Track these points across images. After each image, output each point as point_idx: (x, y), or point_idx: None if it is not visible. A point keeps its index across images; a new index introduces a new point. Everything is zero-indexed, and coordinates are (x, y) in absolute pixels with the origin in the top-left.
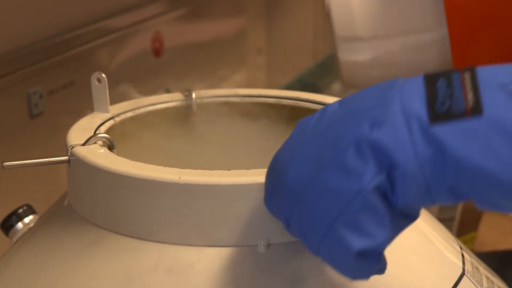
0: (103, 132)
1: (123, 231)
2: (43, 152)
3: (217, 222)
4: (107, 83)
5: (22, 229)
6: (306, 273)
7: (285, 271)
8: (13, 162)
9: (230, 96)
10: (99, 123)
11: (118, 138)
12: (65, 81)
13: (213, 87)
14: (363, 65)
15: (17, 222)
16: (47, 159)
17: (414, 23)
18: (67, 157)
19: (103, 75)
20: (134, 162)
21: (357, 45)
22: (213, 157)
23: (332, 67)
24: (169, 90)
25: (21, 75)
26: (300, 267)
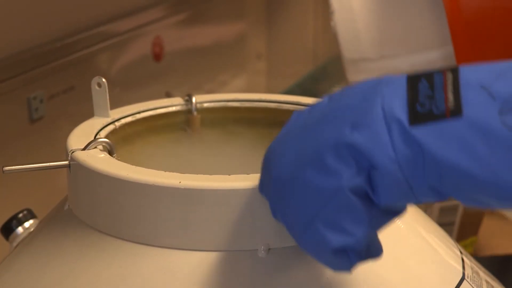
0: (103, 136)
1: (123, 235)
2: (43, 156)
3: (217, 226)
4: (107, 87)
5: (22, 233)
6: (306, 278)
7: (285, 276)
8: (14, 166)
9: (230, 101)
10: (99, 128)
11: (118, 142)
12: (65, 86)
13: (213, 91)
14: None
15: (17, 226)
16: (47, 164)
17: (420, 42)
18: (67, 162)
19: (103, 80)
20: (134, 166)
21: (365, 66)
22: (213, 162)
23: (332, 72)
24: (169, 94)
25: (21, 79)
26: (300, 272)
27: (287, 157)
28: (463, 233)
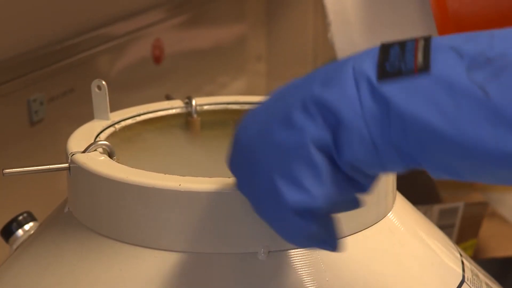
0: (103, 139)
1: (123, 238)
2: (43, 159)
3: (217, 229)
4: (107, 90)
5: (22, 236)
6: (306, 281)
7: (285, 279)
8: (13, 169)
9: (230, 103)
10: (99, 130)
11: (118, 145)
12: (65, 88)
13: (213, 94)
14: None
15: (17, 229)
16: (47, 166)
17: None
18: (67, 164)
19: (103, 83)
20: (134, 169)
21: None
22: (213, 165)
23: None
24: (169, 97)
25: (21, 82)
26: (300, 274)
27: (256, 119)
28: (463, 236)
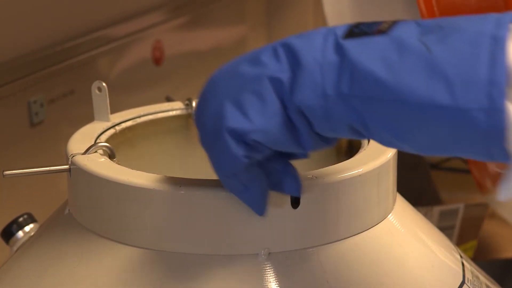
0: (104, 141)
1: (123, 240)
2: (43, 160)
3: (218, 231)
4: (107, 91)
5: (22, 237)
6: (307, 283)
7: (286, 280)
8: (14, 171)
9: None
10: (99, 132)
11: (118, 147)
12: (65, 90)
13: None
14: None
15: (18, 230)
16: (48, 168)
17: None
18: (67, 166)
19: (104, 84)
20: (134, 171)
21: None
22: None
23: None
24: (169, 98)
25: (21, 83)
26: (301, 276)
27: (228, 65)
28: (463, 237)
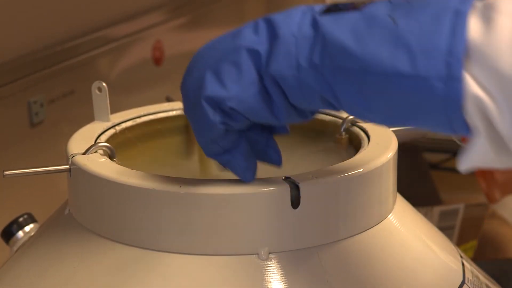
0: (104, 141)
1: (123, 240)
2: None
3: (218, 231)
4: (107, 92)
5: (22, 237)
6: (306, 282)
7: (286, 280)
8: (14, 171)
9: None
10: (99, 132)
11: (118, 147)
12: (65, 90)
13: None
14: None
15: (18, 230)
16: (48, 168)
17: None
18: (67, 166)
19: (104, 84)
20: (134, 171)
21: None
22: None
23: None
24: (169, 98)
25: (21, 84)
26: (300, 276)
27: (210, 41)
28: (463, 237)
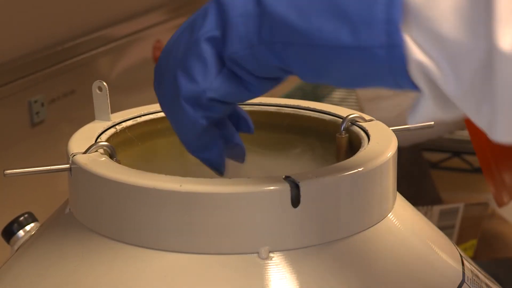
0: (104, 140)
1: (124, 239)
2: (44, 160)
3: (218, 230)
4: (108, 91)
5: (23, 236)
6: (307, 281)
7: (286, 279)
8: (14, 170)
9: None
10: (100, 131)
11: (119, 146)
12: (66, 90)
13: None
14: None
15: (18, 229)
16: (48, 167)
17: None
18: (68, 165)
19: (104, 84)
20: (135, 170)
21: (381, 104)
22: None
23: None
24: None
25: (22, 83)
26: (301, 275)
27: (172, 37)
28: (463, 236)
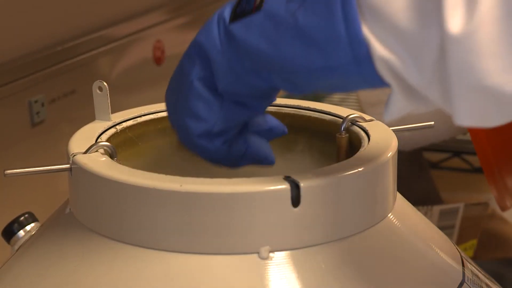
0: (105, 140)
1: (124, 239)
2: (44, 160)
3: (218, 230)
4: (108, 91)
5: (23, 236)
6: (306, 281)
7: (286, 279)
8: (15, 170)
9: None
10: (100, 131)
11: (119, 146)
12: (66, 90)
13: None
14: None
15: (19, 229)
16: (49, 167)
17: None
18: (68, 165)
19: (105, 84)
20: (135, 170)
21: (383, 109)
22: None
23: None
24: None
25: (22, 83)
26: (301, 275)
27: (169, 87)
28: (463, 236)
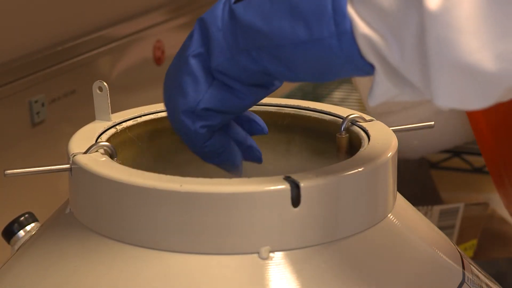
0: (105, 140)
1: (124, 239)
2: (44, 160)
3: (218, 230)
4: (108, 91)
5: (23, 236)
6: (306, 281)
7: (286, 279)
8: (15, 170)
9: None
10: (100, 131)
11: (119, 146)
12: (66, 90)
13: None
14: (400, 136)
15: (19, 230)
16: (49, 167)
17: None
18: (68, 165)
19: (105, 84)
20: (135, 170)
21: (390, 119)
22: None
23: None
24: None
25: (23, 83)
26: (301, 275)
27: (172, 63)
28: (463, 236)
